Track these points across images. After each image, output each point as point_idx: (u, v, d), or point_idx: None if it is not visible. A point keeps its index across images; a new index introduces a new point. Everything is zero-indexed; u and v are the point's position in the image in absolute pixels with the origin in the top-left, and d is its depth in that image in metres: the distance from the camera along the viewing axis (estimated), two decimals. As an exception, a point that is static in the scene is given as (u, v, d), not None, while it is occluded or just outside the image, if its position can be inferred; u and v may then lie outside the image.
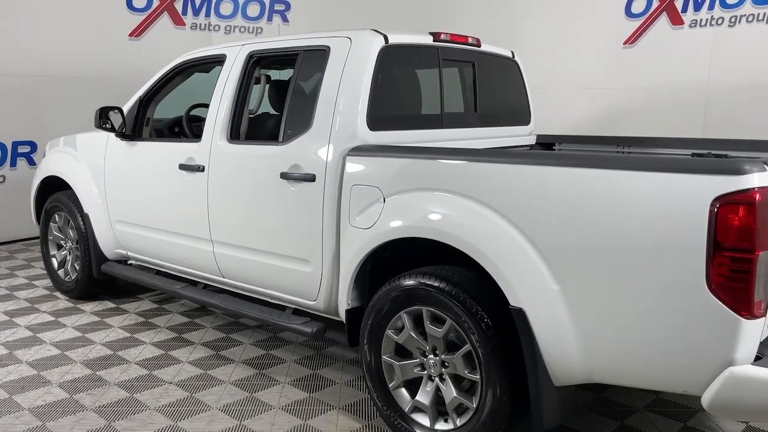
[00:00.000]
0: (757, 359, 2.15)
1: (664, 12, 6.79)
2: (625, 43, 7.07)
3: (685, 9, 6.66)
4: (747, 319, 2.07)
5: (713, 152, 3.63)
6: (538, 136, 4.41)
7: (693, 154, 3.74)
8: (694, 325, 2.14)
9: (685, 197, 2.13)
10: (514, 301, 2.50)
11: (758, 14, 6.20)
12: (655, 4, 6.85)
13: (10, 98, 6.87)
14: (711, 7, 6.50)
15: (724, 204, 2.05)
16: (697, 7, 6.58)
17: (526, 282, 2.47)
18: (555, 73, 7.35)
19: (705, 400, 2.16)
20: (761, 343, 2.18)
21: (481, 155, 2.74)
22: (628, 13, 7.04)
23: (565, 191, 2.38)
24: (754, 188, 2.04)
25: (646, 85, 6.87)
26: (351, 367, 3.83)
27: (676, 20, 6.73)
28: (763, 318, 2.13)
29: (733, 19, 6.37)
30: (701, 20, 6.56)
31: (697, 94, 6.52)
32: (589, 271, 2.33)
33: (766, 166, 2.09)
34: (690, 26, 6.64)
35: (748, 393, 2.08)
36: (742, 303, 2.07)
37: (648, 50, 6.90)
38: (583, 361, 2.41)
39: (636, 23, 6.99)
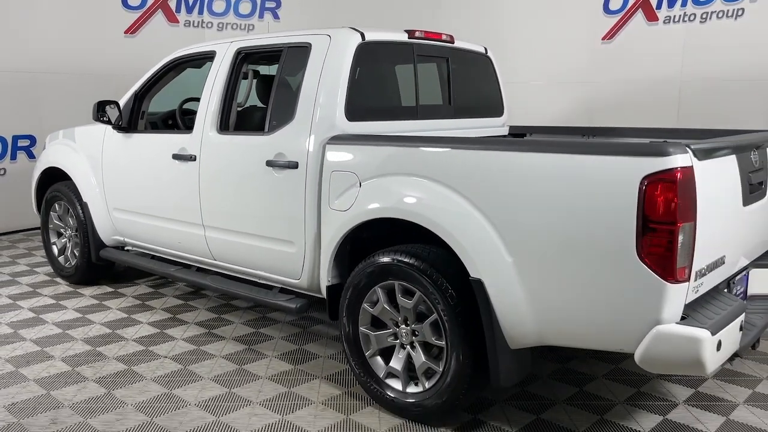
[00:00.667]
0: (683, 319, 2.43)
1: (640, 9, 7.06)
2: (603, 38, 7.33)
3: (659, 6, 6.93)
4: (672, 283, 2.35)
5: (669, 140, 3.90)
6: (511, 127, 4.68)
7: (651, 142, 4.00)
8: (626, 290, 2.42)
9: (619, 177, 2.40)
10: (473, 273, 2.78)
11: (728, 11, 6.47)
12: (632, 1, 7.11)
13: (9, 94, 7.10)
14: (684, 4, 6.77)
15: (651, 182, 2.33)
16: (671, 4, 6.84)
17: (484, 255, 2.74)
18: (535, 68, 7.62)
19: (637, 355, 2.44)
20: (687, 305, 2.46)
21: (445, 143, 3.00)
22: (606, 10, 7.30)
23: (517, 174, 2.66)
24: (676, 168, 2.32)
25: (623, 79, 7.14)
26: (334, 343, 4.10)
27: (651, 17, 7.00)
28: (687, 283, 2.41)
29: (704, 16, 6.64)
30: (674, 17, 6.83)
31: (670, 87, 6.79)
32: (537, 244, 2.61)
33: (688, 148, 2.37)
34: (664, 22, 6.91)
35: (673, 348, 2.36)
36: (667, 269, 2.34)
37: (625, 46, 7.16)
38: (534, 325, 2.68)
39: (613, 20, 7.26)
